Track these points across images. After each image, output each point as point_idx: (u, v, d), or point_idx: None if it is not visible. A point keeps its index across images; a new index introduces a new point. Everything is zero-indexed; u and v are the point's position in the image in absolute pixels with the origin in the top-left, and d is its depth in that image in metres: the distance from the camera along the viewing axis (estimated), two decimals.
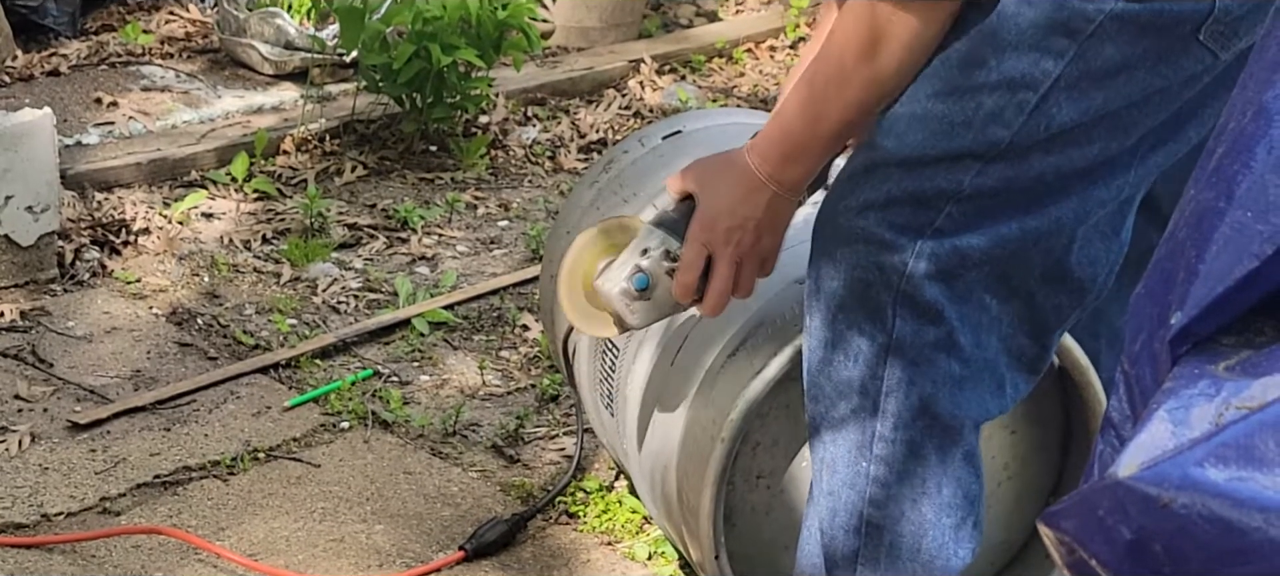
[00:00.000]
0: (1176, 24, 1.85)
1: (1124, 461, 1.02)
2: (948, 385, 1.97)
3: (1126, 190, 1.97)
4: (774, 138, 2.02)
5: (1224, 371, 1.06)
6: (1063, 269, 1.97)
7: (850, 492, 2.03)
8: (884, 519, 2.03)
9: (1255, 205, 1.09)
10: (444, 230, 3.79)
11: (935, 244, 1.91)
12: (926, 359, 1.96)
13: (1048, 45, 1.85)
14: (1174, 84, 1.89)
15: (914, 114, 1.91)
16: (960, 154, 1.90)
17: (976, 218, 1.91)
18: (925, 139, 1.90)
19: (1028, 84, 1.87)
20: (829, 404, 2.02)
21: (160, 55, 4.46)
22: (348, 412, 3.05)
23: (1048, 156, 1.90)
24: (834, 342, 1.99)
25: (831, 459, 2.04)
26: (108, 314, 3.33)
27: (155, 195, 3.79)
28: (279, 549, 2.67)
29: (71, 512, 2.73)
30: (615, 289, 2.12)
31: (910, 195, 1.91)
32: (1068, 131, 1.89)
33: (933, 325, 1.94)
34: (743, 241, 2.06)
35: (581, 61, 4.72)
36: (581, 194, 2.71)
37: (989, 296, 1.96)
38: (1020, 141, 1.89)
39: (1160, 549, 0.99)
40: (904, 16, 1.87)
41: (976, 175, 1.90)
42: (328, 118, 4.11)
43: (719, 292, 2.09)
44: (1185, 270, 1.12)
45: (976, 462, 2.05)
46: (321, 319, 3.38)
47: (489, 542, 2.70)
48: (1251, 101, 1.16)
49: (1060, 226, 1.94)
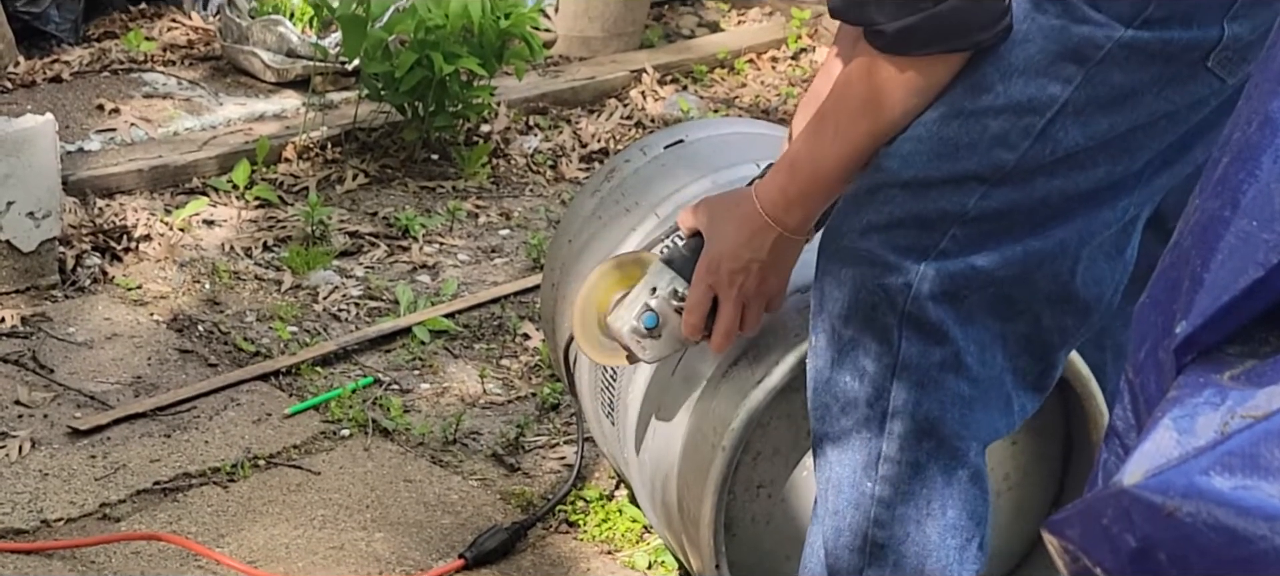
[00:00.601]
0: (1185, 51, 1.85)
1: (1129, 470, 1.02)
2: (955, 405, 1.97)
3: (1131, 210, 1.96)
4: (779, 180, 2.03)
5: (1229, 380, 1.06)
6: (1067, 289, 1.96)
7: (854, 512, 2.03)
8: (888, 538, 2.02)
9: (1261, 214, 1.09)
10: (445, 238, 3.79)
11: (939, 265, 1.91)
12: (933, 379, 1.95)
13: (1055, 71, 1.85)
14: (1181, 109, 1.89)
15: (919, 136, 1.90)
16: (964, 176, 1.89)
17: (981, 240, 1.91)
18: (930, 161, 1.90)
19: (1034, 108, 1.86)
20: (834, 422, 2.01)
21: (162, 62, 4.46)
22: (348, 420, 3.05)
23: (1052, 179, 1.89)
24: (839, 361, 1.98)
25: (836, 478, 2.03)
26: (108, 320, 3.33)
27: (157, 202, 3.79)
28: (279, 556, 2.67)
29: (71, 518, 2.73)
30: (625, 327, 2.18)
31: (914, 217, 1.91)
32: (1073, 155, 1.88)
33: (939, 345, 1.94)
34: (746, 283, 2.09)
35: (583, 71, 4.72)
36: (583, 203, 2.70)
37: (994, 317, 1.95)
38: (1025, 165, 1.88)
39: (1165, 557, 0.99)
40: (906, 76, 1.88)
41: (981, 198, 1.90)
42: (329, 125, 4.12)
43: (724, 332, 2.13)
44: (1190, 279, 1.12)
45: (983, 483, 2.04)
46: (322, 326, 3.38)
47: (489, 551, 2.69)
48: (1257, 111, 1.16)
49: (1064, 248, 1.93)
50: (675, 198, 2.55)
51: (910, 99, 1.90)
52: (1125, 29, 1.83)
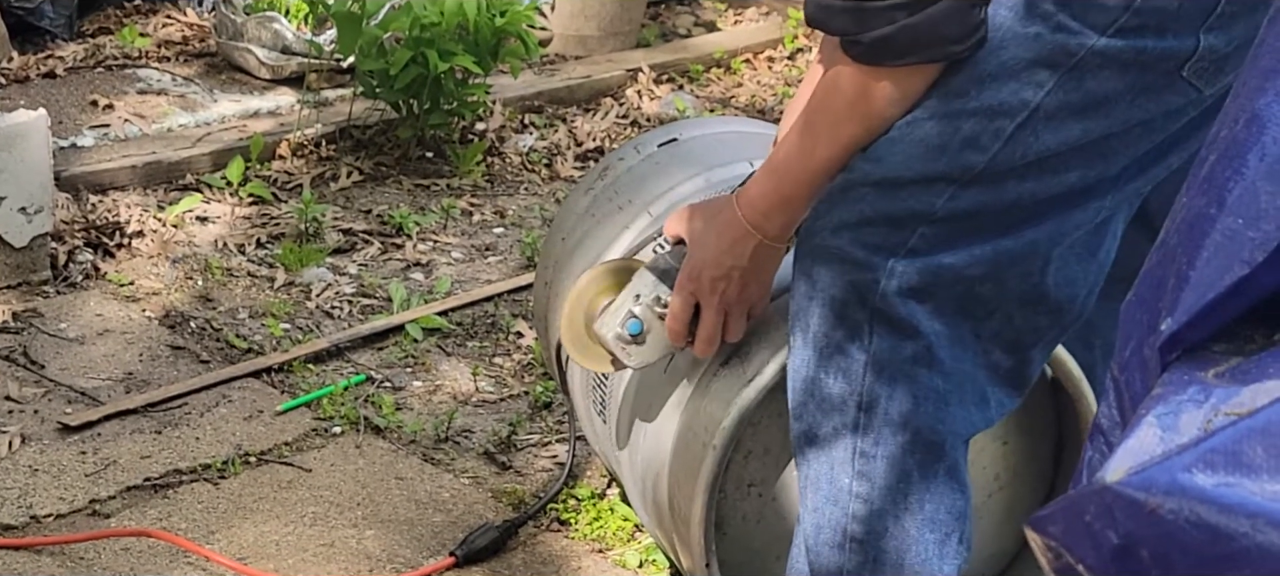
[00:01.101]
0: (1160, 61, 1.86)
1: (1112, 466, 1.02)
2: (929, 399, 1.98)
3: (1104, 213, 1.97)
4: (761, 187, 2.06)
5: (1214, 378, 1.06)
6: (1039, 290, 1.98)
7: (833, 508, 2.04)
8: (867, 534, 2.04)
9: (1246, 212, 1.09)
10: (439, 236, 3.79)
11: (908, 263, 1.93)
12: (906, 373, 1.97)
13: (1029, 77, 1.87)
14: (1156, 117, 1.90)
15: (892, 137, 1.92)
16: (934, 177, 1.91)
17: (949, 239, 1.93)
18: (901, 161, 1.92)
19: (1006, 112, 1.88)
20: (812, 420, 2.03)
21: (157, 58, 4.45)
22: (340, 417, 3.04)
23: (1023, 183, 1.91)
24: (815, 359, 2.01)
25: (815, 475, 2.05)
26: (100, 316, 3.33)
27: (150, 198, 3.79)
28: (269, 553, 2.66)
29: (61, 514, 2.72)
30: (610, 334, 2.20)
31: (883, 216, 1.93)
32: (1045, 160, 1.90)
33: (909, 340, 1.95)
34: (728, 291, 2.11)
35: (579, 70, 4.71)
36: (576, 201, 2.70)
37: (964, 314, 1.97)
38: (995, 167, 1.90)
39: (1147, 554, 0.99)
40: (882, 85, 1.90)
41: (949, 199, 1.91)
42: (324, 123, 4.11)
43: (706, 339, 2.16)
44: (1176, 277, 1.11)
45: (961, 477, 2.05)
46: (315, 324, 3.38)
47: (479, 549, 2.69)
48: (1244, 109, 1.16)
49: (1035, 248, 1.95)
50: (668, 196, 2.55)
51: (888, 108, 1.92)
52: (1099, 37, 1.84)
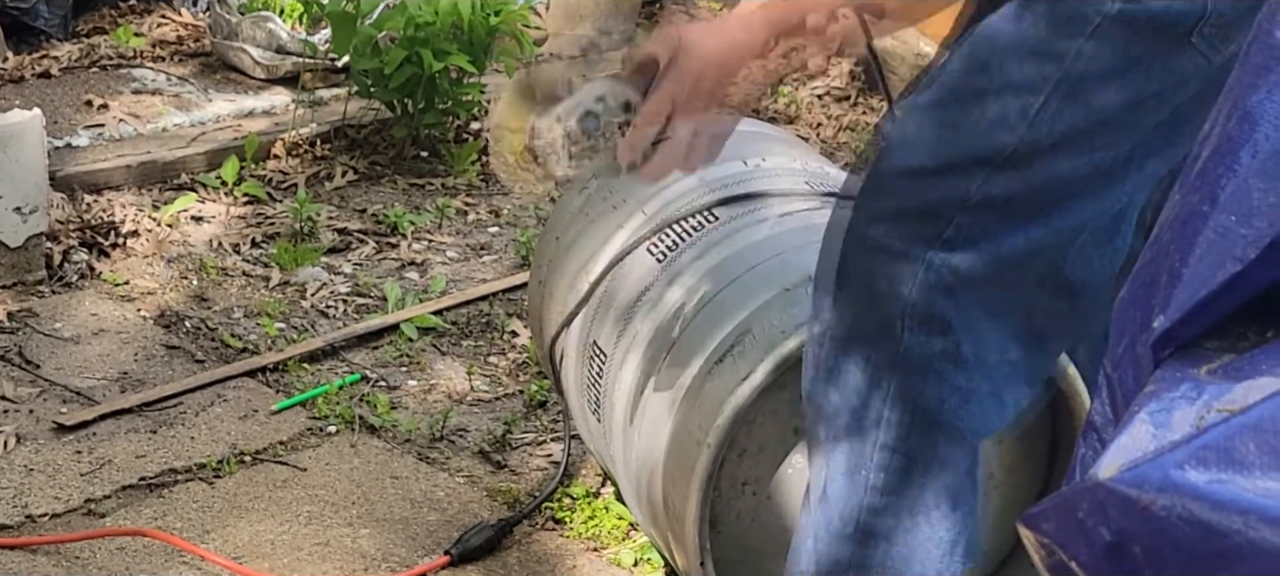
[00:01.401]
0: (1172, 26, 1.86)
1: (1104, 463, 1.02)
2: (954, 397, 1.97)
3: (1124, 199, 1.97)
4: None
5: (1206, 375, 1.06)
6: (1061, 278, 1.97)
7: (849, 499, 2.03)
8: (881, 527, 2.03)
9: (1239, 209, 1.09)
10: (434, 236, 3.79)
11: (944, 255, 1.92)
12: (934, 370, 1.96)
13: (1048, 49, 1.86)
14: (1167, 87, 1.90)
15: (920, 124, 1.91)
16: (966, 162, 1.90)
17: (984, 228, 1.91)
18: (931, 148, 1.90)
19: (1030, 88, 1.87)
20: (832, 410, 2.01)
21: (151, 58, 4.45)
22: (335, 417, 3.04)
23: (1052, 164, 1.90)
24: (841, 350, 1.98)
25: (832, 465, 2.03)
26: (95, 316, 3.32)
27: (145, 198, 3.79)
28: (264, 552, 2.66)
29: (56, 514, 2.72)
30: (558, 131, 2.01)
31: (919, 205, 1.91)
32: (1070, 137, 1.89)
33: (940, 337, 1.94)
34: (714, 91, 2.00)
35: None
36: (570, 200, 2.70)
37: (991, 309, 1.96)
38: (1024, 147, 1.89)
39: (1140, 551, 0.99)
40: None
41: (983, 183, 1.90)
42: (319, 122, 4.11)
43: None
44: (1169, 274, 1.11)
45: (976, 479, 2.04)
46: (310, 323, 3.37)
47: (474, 548, 2.69)
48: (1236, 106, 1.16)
49: (1061, 237, 1.94)
50: (662, 194, 2.55)
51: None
52: (1113, 2, 1.84)
